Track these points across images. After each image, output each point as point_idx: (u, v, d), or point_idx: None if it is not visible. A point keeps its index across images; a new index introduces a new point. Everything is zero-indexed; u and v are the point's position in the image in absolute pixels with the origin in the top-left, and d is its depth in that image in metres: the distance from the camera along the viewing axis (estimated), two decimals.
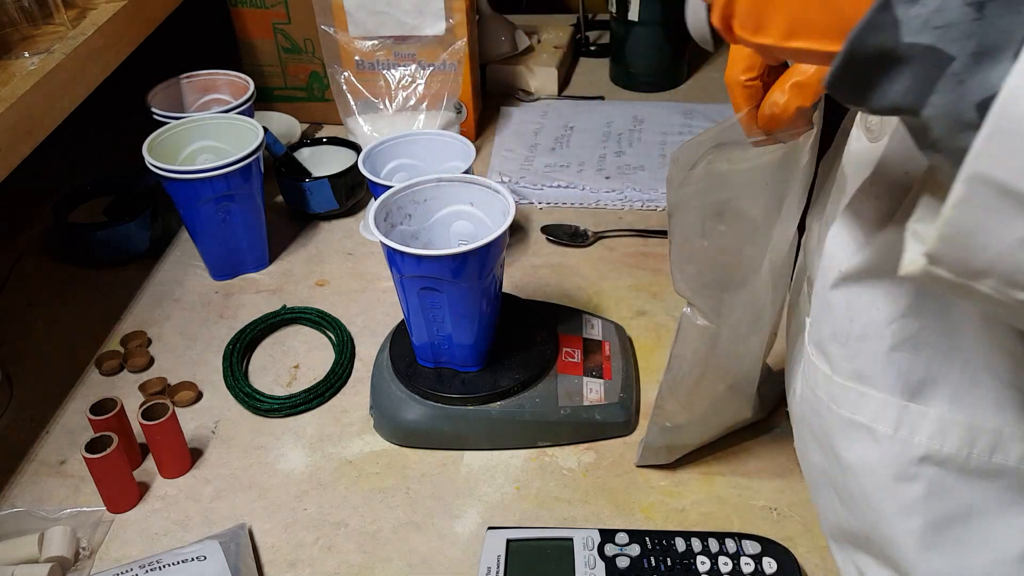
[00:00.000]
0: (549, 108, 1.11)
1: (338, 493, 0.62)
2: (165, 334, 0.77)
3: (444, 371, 0.65)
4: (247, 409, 0.69)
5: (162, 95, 0.89)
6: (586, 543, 0.55)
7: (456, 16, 0.94)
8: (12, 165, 0.62)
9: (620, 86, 1.16)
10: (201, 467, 0.65)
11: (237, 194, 0.78)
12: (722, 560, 0.54)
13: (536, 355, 0.66)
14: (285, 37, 1.03)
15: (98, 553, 0.58)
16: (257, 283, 0.83)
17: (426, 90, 0.96)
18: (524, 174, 0.97)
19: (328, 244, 0.88)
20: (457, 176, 0.63)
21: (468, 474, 0.63)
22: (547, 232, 0.87)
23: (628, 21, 1.10)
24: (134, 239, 0.86)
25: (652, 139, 1.02)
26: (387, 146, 0.78)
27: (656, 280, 0.80)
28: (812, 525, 0.58)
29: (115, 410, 0.62)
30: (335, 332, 0.75)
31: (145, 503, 0.62)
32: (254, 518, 0.61)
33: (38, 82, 0.65)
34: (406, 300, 0.62)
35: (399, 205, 0.63)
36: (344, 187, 0.89)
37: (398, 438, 0.65)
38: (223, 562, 0.54)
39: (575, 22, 1.27)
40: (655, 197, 0.92)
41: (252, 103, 0.87)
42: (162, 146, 0.78)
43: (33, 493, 0.63)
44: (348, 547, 0.58)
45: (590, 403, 0.64)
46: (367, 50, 0.96)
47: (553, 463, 0.64)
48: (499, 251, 0.60)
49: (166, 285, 0.83)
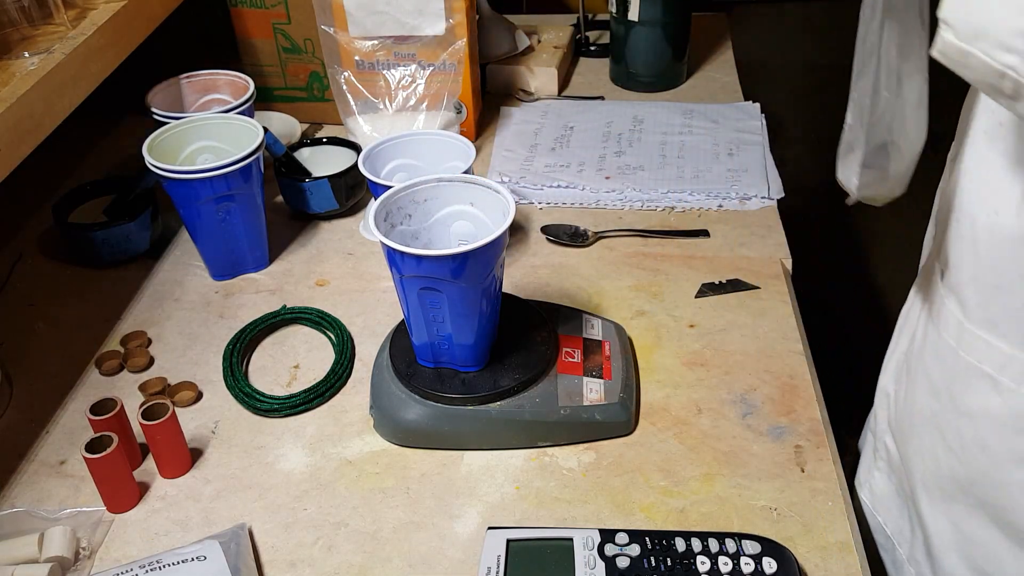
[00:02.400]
0: (549, 108, 1.11)
1: (338, 493, 0.62)
2: (165, 334, 0.77)
3: (444, 371, 0.65)
4: (247, 409, 0.69)
5: (162, 95, 0.89)
6: (586, 543, 0.55)
7: (456, 16, 0.94)
8: (12, 165, 0.62)
9: (620, 86, 1.16)
10: (201, 467, 0.65)
11: (237, 194, 0.78)
12: (722, 560, 0.54)
13: (536, 355, 0.66)
14: (285, 37, 1.03)
15: (98, 553, 0.58)
16: (257, 283, 0.83)
17: (426, 90, 0.96)
18: (524, 174, 0.97)
19: (328, 244, 0.88)
20: (457, 176, 0.63)
21: (468, 474, 0.63)
22: (547, 232, 0.87)
23: (628, 21, 1.10)
24: (134, 239, 0.86)
25: (652, 139, 1.02)
26: (387, 146, 0.78)
27: (656, 280, 0.80)
28: (812, 525, 0.58)
29: (115, 410, 0.62)
30: (335, 332, 0.75)
31: (145, 503, 0.62)
32: (254, 518, 0.61)
33: (38, 82, 0.65)
34: (406, 300, 0.62)
35: (399, 205, 0.63)
36: (344, 187, 0.89)
37: (398, 438, 0.65)
38: (223, 562, 0.54)
39: (575, 22, 1.27)
40: (655, 197, 0.92)
41: (252, 103, 0.87)
42: (162, 146, 0.78)
43: (33, 493, 0.63)
44: (348, 547, 0.58)
45: (590, 403, 0.64)
46: (367, 50, 0.96)
47: (553, 463, 0.64)
48: (499, 251, 0.60)
49: (166, 285, 0.83)
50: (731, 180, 0.94)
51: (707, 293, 0.78)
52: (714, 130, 1.03)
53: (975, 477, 0.51)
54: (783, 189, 0.92)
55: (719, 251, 0.84)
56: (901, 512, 0.63)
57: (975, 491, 0.51)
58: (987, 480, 0.50)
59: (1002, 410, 0.48)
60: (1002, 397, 0.48)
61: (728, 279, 0.80)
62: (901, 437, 0.58)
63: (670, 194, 0.92)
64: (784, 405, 0.67)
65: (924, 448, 0.55)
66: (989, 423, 0.49)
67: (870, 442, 0.69)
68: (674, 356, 0.72)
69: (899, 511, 0.63)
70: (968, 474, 0.51)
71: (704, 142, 1.01)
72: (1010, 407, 0.48)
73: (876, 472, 0.67)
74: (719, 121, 1.05)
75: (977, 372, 0.49)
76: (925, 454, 0.55)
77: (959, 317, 0.50)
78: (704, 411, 0.67)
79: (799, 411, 0.66)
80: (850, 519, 0.58)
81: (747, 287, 0.79)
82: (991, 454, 0.49)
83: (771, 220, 0.88)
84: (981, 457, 0.50)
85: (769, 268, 0.81)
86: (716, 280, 0.80)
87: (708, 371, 0.70)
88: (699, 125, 1.05)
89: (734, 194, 0.91)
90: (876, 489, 0.67)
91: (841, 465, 0.63)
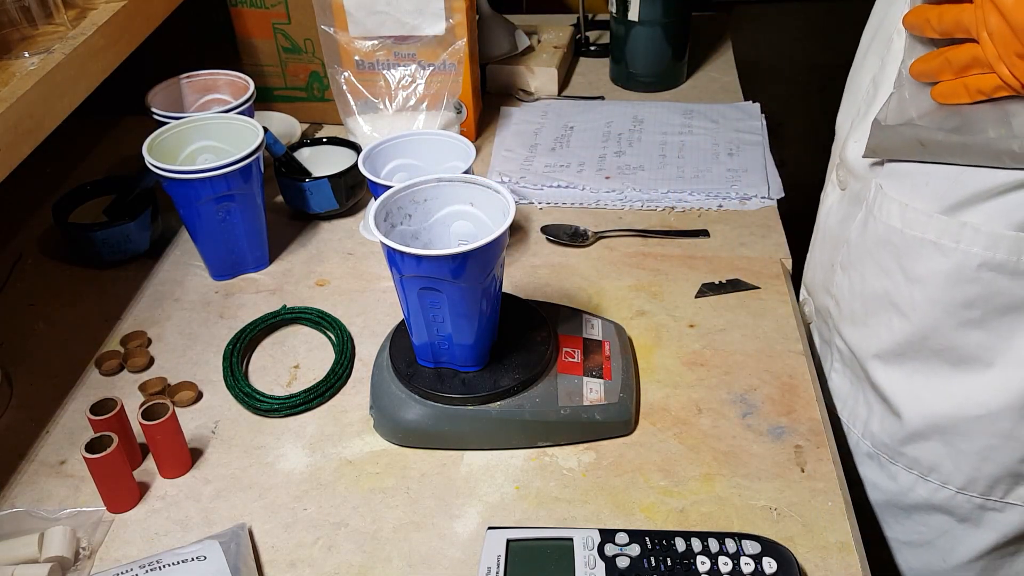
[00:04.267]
0: (549, 108, 1.11)
1: (338, 493, 0.62)
2: (165, 334, 0.77)
3: (444, 371, 0.65)
4: (247, 409, 0.69)
5: (162, 95, 0.89)
6: (586, 543, 0.55)
7: (456, 16, 0.94)
8: (12, 165, 0.62)
9: (620, 86, 1.16)
10: (201, 467, 0.65)
11: (237, 194, 0.78)
12: (722, 560, 0.54)
13: (536, 355, 0.66)
14: (285, 37, 1.03)
15: (98, 553, 0.58)
16: (257, 283, 0.83)
17: (426, 90, 0.96)
18: (524, 174, 0.97)
19: (328, 244, 0.88)
20: (457, 176, 0.63)
21: (468, 474, 0.63)
22: (547, 232, 0.87)
23: (628, 21, 1.10)
24: (134, 239, 0.86)
25: (652, 139, 1.02)
26: (387, 146, 0.78)
27: (656, 280, 0.80)
28: (812, 525, 0.58)
29: (115, 410, 0.62)
30: (335, 332, 0.75)
31: (145, 503, 0.62)
32: (254, 518, 0.61)
33: (38, 82, 0.65)
34: (406, 300, 0.62)
35: (399, 205, 0.63)
36: (344, 187, 0.89)
37: (398, 438, 0.65)
38: (223, 562, 0.54)
39: (575, 22, 1.27)
40: (655, 197, 0.92)
41: (252, 103, 0.87)
42: (162, 146, 0.78)
43: (33, 493, 0.63)
44: (348, 547, 0.58)
45: (590, 403, 0.64)
46: (367, 50, 0.96)
47: (553, 463, 0.64)
48: (499, 251, 0.60)
49: (166, 285, 0.83)
50: (731, 180, 0.94)
51: (707, 293, 0.78)
52: (714, 130, 1.03)
53: (927, 332, 0.64)
54: (783, 189, 0.92)
55: (719, 251, 0.84)
56: (856, 399, 0.74)
57: (928, 344, 0.64)
58: (938, 331, 0.63)
59: (947, 266, 0.61)
60: (945, 256, 0.61)
61: (728, 279, 0.80)
62: (853, 326, 0.71)
63: (670, 194, 0.92)
64: (784, 405, 0.67)
65: (879, 324, 0.68)
66: (937, 281, 0.62)
67: (824, 353, 0.79)
68: (674, 356, 0.72)
69: (853, 399, 0.74)
70: (921, 331, 0.64)
71: (704, 142, 1.01)
72: (953, 262, 0.61)
73: (833, 373, 0.77)
74: (719, 121, 1.05)
75: (921, 242, 0.62)
76: (881, 328, 0.68)
77: (902, 202, 0.63)
78: (704, 411, 0.67)
79: (799, 411, 0.66)
80: (850, 519, 0.58)
81: (747, 287, 0.79)
82: (942, 306, 0.62)
83: (771, 220, 0.88)
84: (933, 312, 0.63)
85: (769, 268, 0.81)
86: (716, 280, 0.80)
87: (708, 371, 0.70)
88: (699, 125, 1.05)
89: (734, 194, 0.91)
90: (834, 387, 0.77)
91: (841, 465, 0.63)
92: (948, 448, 0.66)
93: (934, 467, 0.68)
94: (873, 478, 0.74)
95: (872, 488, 0.74)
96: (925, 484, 0.69)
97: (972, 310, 0.61)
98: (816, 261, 0.79)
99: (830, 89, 0.67)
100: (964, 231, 0.60)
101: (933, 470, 0.68)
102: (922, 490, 0.70)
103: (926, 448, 0.68)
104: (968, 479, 0.67)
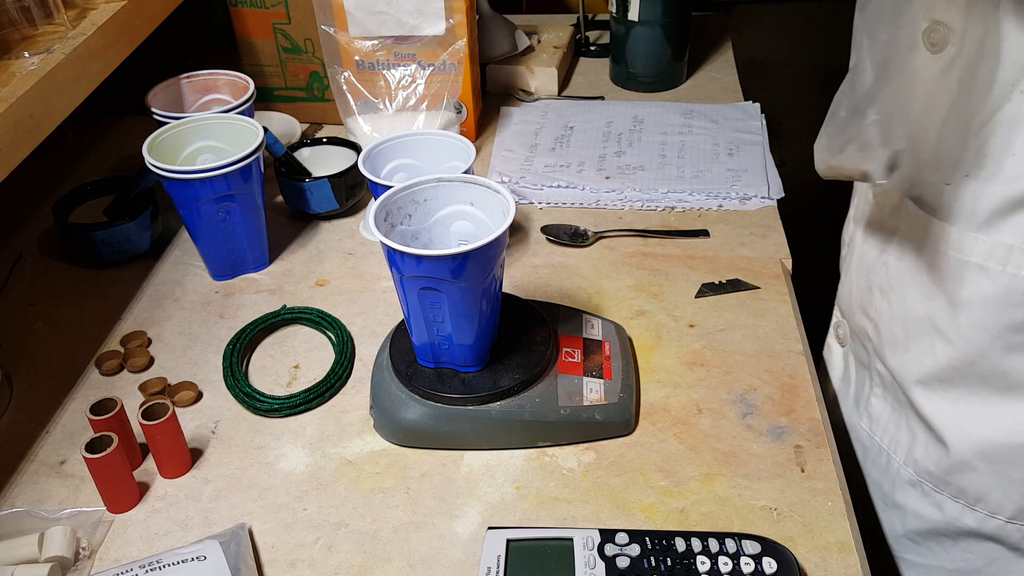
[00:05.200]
0: (549, 108, 1.11)
1: (338, 493, 0.62)
2: (165, 334, 0.77)
3: (444, 371, 0.65)
4: (247, 409, 0.69)
5: (162, 95, 0.89)
6: (586, 543, 0.55)
7: (456, 16, 0.94)
8: (12, 165, 0.62)
9: (620, 86, 1.16)
10: (201, 467, 0.65)
11: (237, 194, 0.78)
12: (722, 560, 0.54)
13: (536, 355, 0.66)
14: (285, 37, 1.03)
15: (98, 553, 0.58)
16: (257, 283, 0.83)
17: (426, 90, 0.96)
18: (524, 174, 0.97)
19: (328, 244, 0.88)
20: (457, 176, 0.63)
21: (468, 474, 0.63)
22: (547, 232, 0.87)
23: (628, 21, 1.10)
24: (134, 239, 0.86)
25: (652, 139, 1.02)
26: (387, 146, 0.78)
27: (656, 280, 0.80)
28: (812, 525, 0.58)
29: (115, 410, 0.62)
30: (335, 332, 0.75)
31: (145, 503, 0.62)
32: (254, 518, 0.61)
33: (38, 82, 0.65)
34: (406, 300, 0.62)
35: (399, 205, 0.63)
36: (344, 187, 0.89)
37: (398, 438, 0.65)
38: (223, 562, 0.54)
39: (575, 22, 1.27)
40: (655, 197, 0.92)
41: (252, 103, 0.87)
42: (162, 146, 0.78)
43: (33, 493, 0.63)
44: (348, 547, 0.58)
45: (590, 403, 0.64)
46: (367, 50, 0.96)
47: (553, 463, 0.64)
48: (499, 251, 0.60)
49: (166, 285, 0.83)
50: (731, 180, 0.94)
51: (707, 293, 0.78)
52: (714, 130, 1.03)
53: (973, 358, 0.62)
54: (783, 189, 0.92)
55: (719, 251, 0.84)
56: (898, 425, 0.72)
57: (975, 370, 0.62)
58: (985, 356, 0.61)
59: (993, 290, 0.59)
60: (991, 279, 0.59)
61: (728, 279, 0.80)
62: (894, 350, 0.69)
63: (670, 194, 0.92)
64: (784, 405, 0.67)
65: (922, 349, 0.65)
66: (983, 305, 0.60)
67: (862, 377, 0.77)
68: (674, 356, 0.72)
69: (895, 425, 0.72)
70: (966, 356, 0.62)
71: (704, 142, 1.01)
72: (999, 286, 0.59)
73: (873, 398, 0.75)
74: (719, 121, 1.05)
75: (966, 265, 0.60)
76: (923, 353, 0.65)
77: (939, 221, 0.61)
78: (704, 411, 0.67)
79: (799, 411, 0.66)
80: (850, 519, 0.58)
81: (747, 287, 0.79)
82: (989, 331, 0.60)
83: (771, 220, 0.88)
84: (979, 337, 0.61)
85: (769, 268, 0.81)
86: (716, 280, 0.80)
87: (708, 371, 0.70)
88: (699, 125, 1.05)
89: (734, 194, 0.91)
90: (874, 412, 0.75)
91: (841, 465, 0.63)
92: (996, 477, 0.65)
93: (981, 497, 0.66)
94: (916, 507, 0.71)
95: (914, 517, 0.72)
96: (972, 513, 0.67)
97: (1020, 335, 0.59)
98: (852, 283, 0.76)
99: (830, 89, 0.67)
100: (1012, 254, 0.57)
101: (980, 500, 0.66)
102: (969, 520, 0.68)
103: (973, 478, 0.66)
104: (1018, 509, 0.65)
